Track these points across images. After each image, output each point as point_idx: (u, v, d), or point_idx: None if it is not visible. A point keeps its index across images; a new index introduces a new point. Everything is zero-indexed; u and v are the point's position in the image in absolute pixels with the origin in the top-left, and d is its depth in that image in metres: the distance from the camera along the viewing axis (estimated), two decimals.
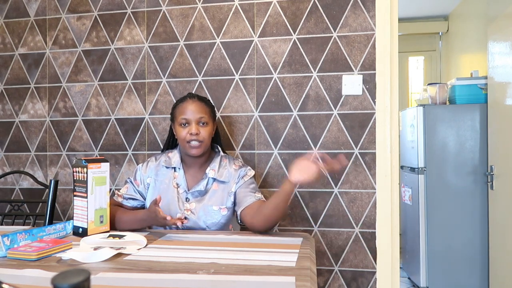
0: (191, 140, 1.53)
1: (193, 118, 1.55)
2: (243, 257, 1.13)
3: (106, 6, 2.15)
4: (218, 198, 1.57)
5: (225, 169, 1.60)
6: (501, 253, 2.55)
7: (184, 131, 1.55)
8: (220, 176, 1.58)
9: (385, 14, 1.88)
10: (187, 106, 1.57)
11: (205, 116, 1.57)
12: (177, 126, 1.58)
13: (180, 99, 1.63)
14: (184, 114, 1.56)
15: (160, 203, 1.45)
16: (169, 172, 1.62)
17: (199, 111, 1.56)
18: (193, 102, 1.58)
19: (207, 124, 1.57)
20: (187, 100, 1.60)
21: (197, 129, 1.54)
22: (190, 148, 1.54)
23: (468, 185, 2.86)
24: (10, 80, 2.27)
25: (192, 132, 1.53)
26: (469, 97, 2.89)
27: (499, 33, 2.55)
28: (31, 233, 1.25)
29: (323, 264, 1.94)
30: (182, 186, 1.59)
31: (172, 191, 1.59)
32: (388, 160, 1.87)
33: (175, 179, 1.60)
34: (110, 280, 0.94)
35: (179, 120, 1.57)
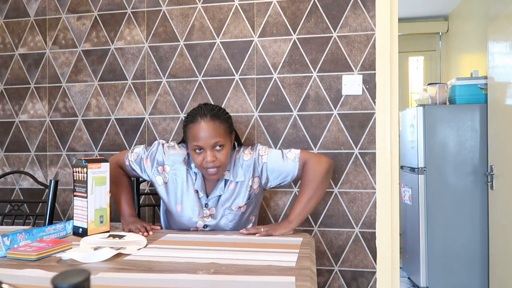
0: (207, 167, 1.42)
1: (207, 144, 1.41)
2: (243, 257, 1.13)
3: (106, 6, 2.15)
4: (236, 198, 1.53)
5: (239, 166, 1.53)
6: (501, 253, 2.55)
7: (199, 157, 1.43)
8: (235, 176, 1.52)
9: (385, 14, 1.88)
10: (200, 130, 1.41)
11: (221, 139, 1.42)
12: (191, 150, 1.46)
13: (191, 118, 1.45)
14: (197, 140, 1.41)
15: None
16: (189, 173, 1.53)
17: (213, 136, 1.41)
18: (206, 124, 1.41)
19: (223, 146, 1.43)
20: (198, 121, 1.42)
21: (213, 156, 1.41)
22: (208, 175, 1.45)
23: (468, 185, 2.86)
24: (10, 80, 2.27)
25: (208, 160, 1.41)
26: (469, 97, 2.89)
27: (499, 33, 2.55)
28: (31, 233, 1.25)
29: (323, 264, 1.94)
30: (201, 191, 1.52)
31: (193, 195, 1.53)
32: (388, 160, 1.87)
33: (195, 183, 1.52)
34: (110, 280, 0.94)
35: (192, 146, 1.44)
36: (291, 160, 1.53)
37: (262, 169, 1.54)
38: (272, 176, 1.55)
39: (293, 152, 1.55)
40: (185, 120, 1.49)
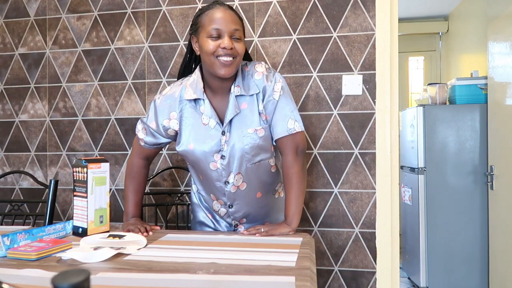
0: (223, 54, 1.26)
1: (227, 29, 1.27)
2: (243, 257, 1.13)
3: (106, 6, 2.15)
4: (250, 118, 1.36)
5: (250, 79, 1.36)
6: (501, 253, 2.55)
7: (215, 43, 1.27)
8: (247, 90, 1.35)
9: (385, 14, 1.88)
10: (219, 15, 1.28)
11: (240, 30, 1.30)
12: (203, 38, 1.29)
13: (207, 6, 1.33)
14: (215, 23, 1.27)
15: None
16: (193, 106, 1.38)
17: (233, 22, 1.29)
18: (226, 12, 1.29)
19: (240, 39, 1.30)
20: (217, 7, 1.30)
21: (231, 43, 1.26)
22: (221, 66, 1.27)
23: (468, 185, 2.86)
24: (10, 80, 2.27)
25: (226, 46, 1.25)
26: (469, 97, 2.89)
27: (499, 33, 2.55)
28: (31, 233, 1.25)
29: (323, 264, 1.94)
30: (212, 119, 1.35)
31: (202, 129, 1.37)
32: (388, 160, 1.87)
33: (203, 114, 1.36)
34: (110, 280, 0.94)
35: (208, 31, 1.27)
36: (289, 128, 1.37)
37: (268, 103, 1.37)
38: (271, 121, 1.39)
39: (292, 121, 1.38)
40: (198, 11, 1.35)
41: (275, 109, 1.37)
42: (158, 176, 2.06)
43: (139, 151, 1.53)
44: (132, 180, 1.55)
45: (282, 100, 1.37)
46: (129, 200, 1.55)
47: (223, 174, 1.41)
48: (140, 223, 1.48)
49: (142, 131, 1.49)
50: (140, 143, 1.51)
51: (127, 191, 1.56)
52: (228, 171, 1.40)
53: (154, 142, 1.48)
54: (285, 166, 1.41)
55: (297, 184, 1.41)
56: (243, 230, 1.43)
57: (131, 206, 1.55)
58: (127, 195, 1.56)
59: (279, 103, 1.36)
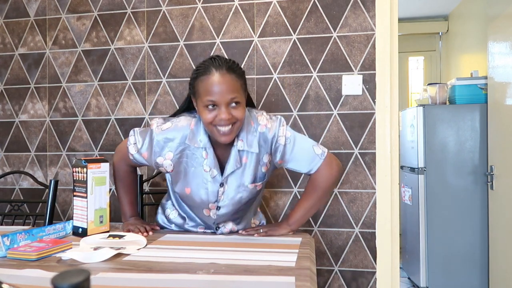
0: (220, 125, 1.24)
1: (223, 99, 1.22)
2: (243, 257, 1.13)
3: (106, 6, 2.15)
4: (251, 173, 1.36)
5: (254, 135, 1.34)
6: (501, 253, 2.55)
7: (211, 114, 1.23)
8: (250, 146, 1.33)
9: (385, 14, 1.88)
10: (214, 84, 1.22)
11: (238, 95, 1.24)
12: (200, 106, 1.26)
13: (203, 69, 1.25)
14: (210, 94, 1.22)
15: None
16: (196, 151, 1.34)
17: (230, 91, 1.22)
18: (222, 76, 1.22)
19: (239, 103, 1.25)
20: (212, 72, 1.23)
21: (228, 112, 1.22)
22: (219, 135, 1.26)
23: (468, 185, 2.86)
24: (10, 80, 2.27)
25: (222, 117, 1.22)
26: (469, 97, 2.89)
27: (499, 33, 2.55)
28: (31, 233, 1.25)
29: (323, 264, 1.94)
30: (214, 169, 1.34)
31: (202, 175, 1.35)
32: (388, 160, 1.87)
33: (205, 160, 1.33)
34: (110, 280, 0.94)
35: (204, 101, 1.23)
36: (317, 154, 1.38)
37: (278, 150, 1.36)
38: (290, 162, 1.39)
39: (320, 148, 1.40)
40: (194, 72, 1.28)
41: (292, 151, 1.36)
42: (158, 176, 2.06)
43: (127, 159, 1.46)
44: (121, 181, 1.53)
45: (296, 143, 1.37)
46: (123, 201, 1.54)
47: (215, 217, 1.44)
48: (140, 223, 1.48)
49: (134, 147, 1.41)
50: (129, 156, 1.43)
51: (119, 193, 1.54)
52: (220, 219, 1.44)
53: (143, 163, 1.44)
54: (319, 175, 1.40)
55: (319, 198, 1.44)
56: (241, 231, 1.43)
57: (127, 206, 1.54)
58: (120, 197, 1.55)
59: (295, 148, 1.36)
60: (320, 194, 1.44)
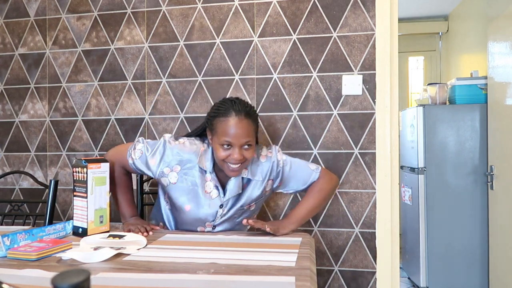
0: (231, 163, 1.37)
1: (238, 143, 1.35)
2: (243, 257, 1.13)
3: (106, 6, 2.15)
4: (250, 197, 1.50)
5: (257, 165, 1.49)
6: (501, 253, 2.55)
7: (225, 152, 1.36)
8: (253, 175, 1.47)
9: (385, 14, 1.88)
10: (232, 127, 1.35)
11: (251, 139, 1.38)
12: (216, 143, 1.38)
13: (224, 111, 1.38)
14: (227, 136, 1.35)
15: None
16: (201, 171, 1.45)
17: (245, 135, 1.36)
18: (240, 122, 1.35)
19: (251, 146, 1.38)
20: (232, 116, 1.36)
21: (241, 154, 1.35)
22: (229, 171, 1.39)
23: (468, 185, 2.86)
24: (10, 80, 2.27)
25: (235, 157, 1.35)
26: (469, 97, 2.89)
27: (499, 33, 2.55)
28: (31, 233, 1.25)
29: (323, 264, 1.94)
30: (215, 190, 1.45)
31: (203, 196, 1.45)
32: (388, 160, 1.87)
33: (207, 183, 1.45)
34: (110, 280, 0.94)
35: (221, 141, 1.36)
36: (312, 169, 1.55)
37: (278, 174, 1.52)
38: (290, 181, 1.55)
39: (314, 164, 1.58)
40: (214, 111, 1.40)
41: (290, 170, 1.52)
42: None
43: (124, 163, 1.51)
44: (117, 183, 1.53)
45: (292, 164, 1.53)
46: (121, 201, 1.54)
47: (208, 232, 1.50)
48: (140, 223, 1.48)
49: (138, 152, 1.48)
50: (129, 160, 1.48)
51: (116, 194, 1.54)
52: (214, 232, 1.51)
53: (141, 170, 1.49)
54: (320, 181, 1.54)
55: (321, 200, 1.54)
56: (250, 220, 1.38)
57: (125, 206, 1.55)
58: (117, 198, 1.54)
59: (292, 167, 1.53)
60: (322, 195, 1.54)
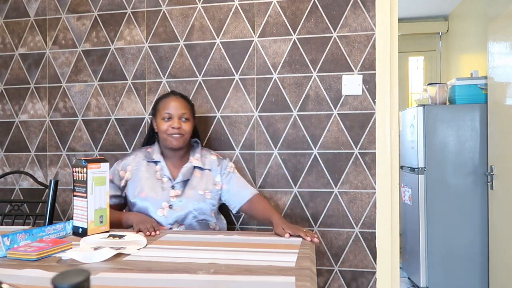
0: (173, 133, 1.63)
1: (176, 113, 1.65)
2: (243, 257, 1.13)
3: (106, 6, 2.15)
4: (202, 184, 1.66)
5: (206, 158, 1.72)
6: (501, 253, 2.55)
7: (166, 124, 1.64)
8: (203, 164, 1.70)
9: (385, 14, 1.88)
10: (171, 102, 1.67)
11: (187, 112, 1.67)
12: (159, 119, 1.67)
13: (164, 95, 1.73)
14: (167, 109, 1.65)
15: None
16: (151, 166, 1.68)
17: (181, 108, 1.66)
18: (177, 99, 1.68)
19: (188, 120, 1.67)
20: (170, 96, 1.70)
21: (179, 123, 1.64)
22: (172, 140, 1.63)
23: (468, 185, 2.86)
24: (10, 80, 2.27)
25: (174, 126, 1.62)
26: (469, 97, 2.89)
27: (499, 33, 2.55)
28: (31, 233, 1.25)
29: (323, 264, 1.94)
30: (166, 176, 1.66)
31: (156, 182, 1.65)
32: (388, 160, 1.87)
33: (158, 172, 1.67)
34: (110, 280, 0.94)
35: (162, 114, 1.66)
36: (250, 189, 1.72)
37: (225, 174, 1.71)
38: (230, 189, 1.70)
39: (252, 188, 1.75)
40: (157, 99, 1.75)
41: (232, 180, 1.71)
42: None
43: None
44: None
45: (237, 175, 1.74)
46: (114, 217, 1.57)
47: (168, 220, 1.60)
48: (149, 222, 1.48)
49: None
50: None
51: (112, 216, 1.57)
52: (172, 219, 1.61)
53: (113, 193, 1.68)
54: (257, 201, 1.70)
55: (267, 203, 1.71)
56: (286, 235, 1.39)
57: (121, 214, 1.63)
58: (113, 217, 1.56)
59: (235, 177, 1.73)
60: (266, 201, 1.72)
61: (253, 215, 1.71)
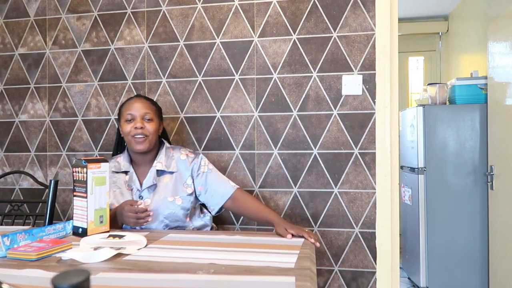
0: (136, 134, 1.57)
1: (138, 113, 1.59)
2: (243, 258, 1.13)
3: (106, 6, 2.15)
4: (170, 189, 1.59)
5: (173, 159, 1.64)
6: (501, 253, 2.55)
7: (129, 125, 1.59)
8: (168, 167, 1.62)
9: (385, 14, 1.88)
10: (133, 103, 1.62)
11: (150, 113, 1.61)
12: (122, 122, 1.62)
13: (128, 99, 1.68)
14: (129, 110, 1.61)
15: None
16: (121, 176, 1.64)
17: (144, 108, 1.61)
18: (139, 100, 1.63)
19: (151, 120, 1.61)
20: (133, 98, 1.65)
21: (142, 123, 1.58)
22: (135, 143, 1.57)
23: (468, 185, 2.86)
24: (10, 80, 2.27)
25: (137, 126, 1.57)
26: (469, 97, 2.89)
27: (499, 33, 2.55)
28: (31, 233, 1.25)
29: (323, 264, 1.94)
30: (135, 186, 1.61)
31: (127, 193, 1.60)
32: (388, 160, 1.87)
33: (127, 182, 1.62)
34: (110, 280, 0.94)
35: (125, 116, 1.61)
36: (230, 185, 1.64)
37: (199, 176, 1.63)
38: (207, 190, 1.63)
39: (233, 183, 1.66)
40: (120, 104, 1.71)
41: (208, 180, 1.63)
42: None
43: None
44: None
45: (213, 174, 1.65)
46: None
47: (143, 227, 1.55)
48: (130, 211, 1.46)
49: None
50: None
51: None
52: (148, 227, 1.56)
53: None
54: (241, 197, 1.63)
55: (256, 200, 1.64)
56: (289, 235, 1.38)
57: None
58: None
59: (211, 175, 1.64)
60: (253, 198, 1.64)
61: (240, 211, 1.65)
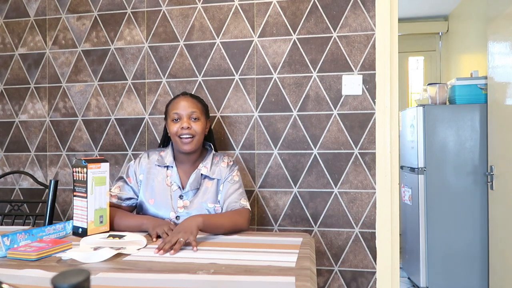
0: (182, 134, 1.55)
1: (185, 113, 1.58)
2: (243, 257, 1.13)
3: (106, 6, 2.15)
4: (211, 196, 1.59)
5: (217, 166, 1.62)
6: (501, 253, 2.55)
7: (176, 126, 1.57)
8: (212, 173, 1.61)
9: (385, 14, 1.88)
10: (180, 102, 1.60)
11: (197, 111, 1.60)
12: (169, 121, 1.61)
13: (174, 97, 1.67)
14: (176, 109, 1.59)
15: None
16: (162, 170, 1.62)
17: (190, 107, 1.59)
18: (186, 99, 1.61)
19: (198, 119, 1.59)
20: (180, 97, 1.64)
21: (189, 123, 1.56)
22: (182, 144, 1.56)
23: (468, 185, 2.86)
24: (10, 80, 2.27)
25: (183, 126, 1.55)
26: (469, 97, 2.89)
27: (499, 33, 2.55)
28: (31, 233, 1.25)
29: (323, 264, 1.94)
30: (175, 183, 1.59)
31: (165, 189, 1.59)
32: (388, 160, 1.87)
33: (168, 177, 1.60)
34: (110, 280, 0.94)
35: (171, 116, 1.59)
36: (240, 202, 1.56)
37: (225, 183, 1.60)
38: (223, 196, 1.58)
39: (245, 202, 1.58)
40: (168, 102, 1.67)
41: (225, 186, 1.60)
42: None
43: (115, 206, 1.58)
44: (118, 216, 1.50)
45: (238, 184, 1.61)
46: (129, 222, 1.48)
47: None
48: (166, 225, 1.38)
49: (116, 189, 1.62)
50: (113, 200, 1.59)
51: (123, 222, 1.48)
52: None
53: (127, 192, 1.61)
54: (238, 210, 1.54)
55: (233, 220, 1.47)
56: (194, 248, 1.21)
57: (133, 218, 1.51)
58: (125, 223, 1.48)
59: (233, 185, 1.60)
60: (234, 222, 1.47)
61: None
